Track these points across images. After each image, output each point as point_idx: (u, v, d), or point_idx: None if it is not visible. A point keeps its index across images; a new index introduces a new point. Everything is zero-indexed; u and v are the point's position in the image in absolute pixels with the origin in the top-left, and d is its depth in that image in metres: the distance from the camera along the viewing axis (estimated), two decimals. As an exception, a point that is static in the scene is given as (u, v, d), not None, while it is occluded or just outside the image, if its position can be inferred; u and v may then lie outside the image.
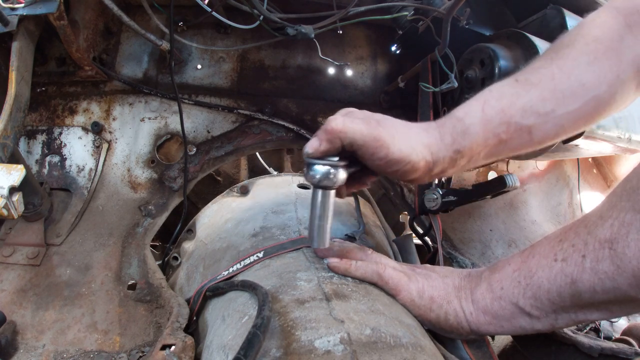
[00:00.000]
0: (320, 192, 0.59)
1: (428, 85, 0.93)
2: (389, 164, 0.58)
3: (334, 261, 0.65)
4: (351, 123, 0.57)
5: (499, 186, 0.84)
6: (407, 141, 0.59)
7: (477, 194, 0.87)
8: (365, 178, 0.67)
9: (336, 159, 0.58)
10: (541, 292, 0.54)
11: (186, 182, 1.00)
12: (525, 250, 0.59)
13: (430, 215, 0.95)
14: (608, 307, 0.51)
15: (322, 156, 0.58)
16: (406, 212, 1.29)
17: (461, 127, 0.61)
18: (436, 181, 0.95)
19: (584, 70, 0.63)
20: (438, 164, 0.61)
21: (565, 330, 0.79)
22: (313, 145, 0.58)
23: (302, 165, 1.59)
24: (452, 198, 0.91)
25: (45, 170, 0.99)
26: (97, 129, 1.01)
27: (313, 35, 0.89)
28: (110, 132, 1.03)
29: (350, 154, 0.59)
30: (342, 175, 0.58)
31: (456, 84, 0.89)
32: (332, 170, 0.57)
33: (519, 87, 0.63)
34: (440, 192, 0.92)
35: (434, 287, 0.63)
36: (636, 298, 0.48)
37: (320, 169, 0.57)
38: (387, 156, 0.57)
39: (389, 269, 0.64)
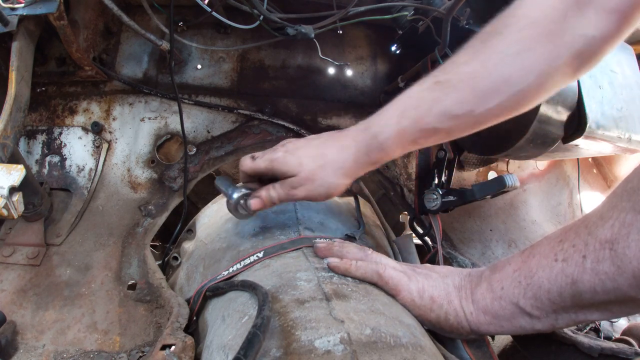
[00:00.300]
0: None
1: None
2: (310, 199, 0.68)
3: (334, 261, 0.65)
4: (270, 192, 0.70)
5: (498, 186, 0.84)
6: (320, 184, 0.67)
7: (477, 194, 0.87)
8: None
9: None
10: (541, 292, 0.54)
11: (186, 182, 1.00)
12: (526, 250, 0.59)
13: (430, 215, 0.95)
14: (608, 307, 0.51)
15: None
16: (406, 212, 1.30)
17: (376, 144, 0.65)
18: (436, 181, 0.95)
19: (510, 64, 0.61)
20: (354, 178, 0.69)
21: (565, 330, 0.79)
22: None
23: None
24: (451, 198, 0.91)
25: (45, 170, 0.99)
26: (97, 129, 1.01)
27: (313, 35, 0.89)
28: (110, 132, 1.03)
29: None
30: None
31: None
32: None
33: (438, 91, 0.63)
34: (440, 192, 0.92)
35: (435, 287, 0.63)
36: (636, 298, 0.48)
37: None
38: (308, 197, 0.68)
39: (389, 268, 0.64)
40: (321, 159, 0.66)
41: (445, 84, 0.63)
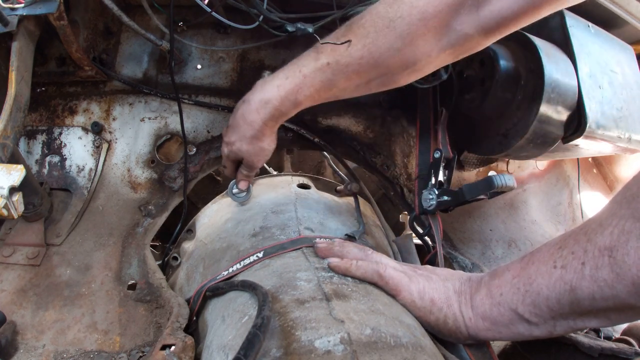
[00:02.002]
0: None
1: (419, 81, 0.93)
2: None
3: (334, 261, 0.65)
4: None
5: (486, 187, 0.82)
6: (259, 153, 0.85)
7: (467, 195, 0.86)
8: None
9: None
10: (540, 298, 0.54)
11: (186, 182, 1.00)
12: (525, 257, 0.59)
13: (430, 215, 0.95)
14: (607, 314, 0.51)
15: None
16: (406, 212, 1.30)
17: (281, 115, 0.80)
18: (433, 181, 0.95)
19: (393, 57, 0.72)
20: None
21: (565, 330, 0.79)
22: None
23: (302, 165, 1.59)
24: (446, 198, 0.91)
25: (45, 170, 0.99)
26: (97, 129, 1.01)
27: (312, 30, 0.88)
28: (110, 132, 1.03)
29: None
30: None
31: (445, 76, 0.89)
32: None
33: (329, 73, 0.75)
34: (437, 192, 0.92)
35: (435, 289, 0.63)
36: (635, 306, 0.48)
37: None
38: (262, 162, 0.90)
39: (390, 268, 0.64)
40: (245, 139, 0.83)
41: (335, 66, 0.74)
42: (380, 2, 0.73)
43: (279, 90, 0.77)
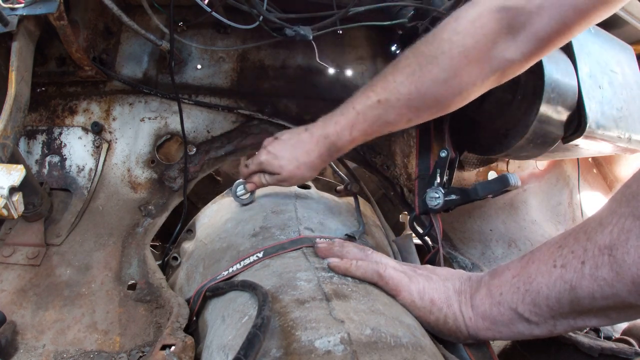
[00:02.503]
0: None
1: None
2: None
3: (334, 261, 0.65)
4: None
5: (501, 185, 0.84)
6: (298, 179, 0.89)
7: (480, 193, 0.87)
8: None
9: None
10: (540, 298, 0.54)
11: (186, 182, 1.00)
12: (525, 256, 0.59)
13: (431, 215, 0.95)
14: (607, 313, 0.51)
15: None
16: (406, 212, 1.30)
17: (335, 149, 0.85)
18: (438, 180, 0.95)
19: (441, 89, 0.76)
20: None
21: (565, 330, 0.79)
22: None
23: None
24: (454, 197, 0.91)
25: (45, 170, 0.99)
26: (97, 129, 1.01)
27: (311, 37, 0.89)
28: (110, 132, 1.03)
29: None
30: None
31: None
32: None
33: (380, 109, 0.79)
34: (443, 191, 0.92)
35: (435, 289, 0.63)
36: (635, 304, 0.48)
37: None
38: (290, 185, 0.93)
39: (390, 268, 0.64)
40: (296, 161, 0.86)
41: (385, 103, 0.78)
42: (420, 41, 0.78)
43: (336, 126, 0.83)
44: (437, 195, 0.92)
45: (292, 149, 0.86)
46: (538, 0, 0.68)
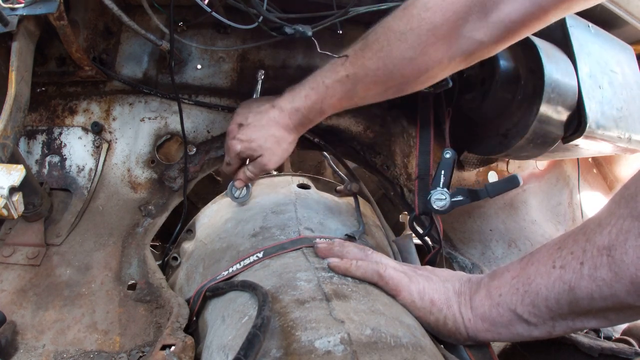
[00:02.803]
0: None
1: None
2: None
3: (334, 261, 0.65)
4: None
5: (512, 185, 0.86)
6: (280, 154, 0.88)
7: (490, 193, 0.88)
8: None
9: None
10: (539, 299, 0.54)
11: (186, 182, 1.00)
12: (524, 258, 0.59)
13: (433, 214, 0.95)
14: (606, 314, 0.51)
15: None
16: (406, 212, 1.30)
17: (307, 120, 0.86)
18: (442, 181, 0.95)
19: (408, 66, 0.76)
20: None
21: (565, 330, 0.79)
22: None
23: (302, 165, 1.59)
24: (460, 198, 0.91)
25: (45, 170, 0.99)
26: (97, 129, 1.01)
27: (310, 33, 0.88)
28: (110, 132, 1.03)
29: None
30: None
31: (451, 84, 0.89)
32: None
33: (349, 84, 0.80)
34: (449, 193, 0.92)
35: (435, 290, 0.63)
36: (634, 305, 0.48)
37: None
38: (276, 166, 0.91)
39: (390, 269, 0.64)
40: (273, 137, 0.86)
41: (354, 78, 0.80)
42: (390, 16, 0.77)
43: (306, 100, 0.84)
44: (444, 197, 0.92)
45: (265, 128, 0.86)
46: None
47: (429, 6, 0.71)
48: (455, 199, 0.91)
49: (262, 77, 1.02)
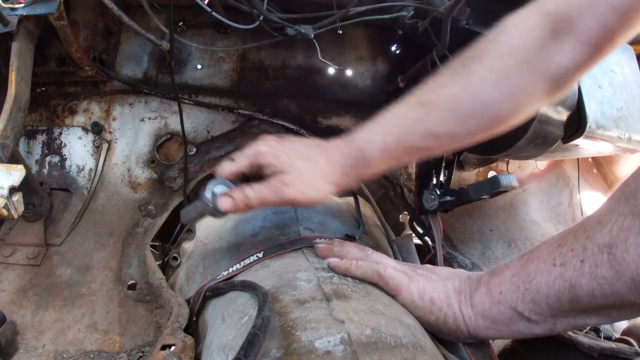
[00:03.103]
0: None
1: None
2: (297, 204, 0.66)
3: (334, 261, 0.65)
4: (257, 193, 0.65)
5: (492, 186, 0.83)
6: (312, 187, 0.65)
7: (472, 195, 0.87)
8: None
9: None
10: (540, 296, 0.54)
11: (186, 182, 1.00)
12: (525, 255, 0.59)
13: (430, 215, 0.95)
14: (607, 312, 0.51)
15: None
16: (406, 212, 1.30)
17: (362, 159, 0.66)
18: (434, 181, 0.95)
19: (490, 91, 0.64)
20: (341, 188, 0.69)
21: (565, 330, 0.79)
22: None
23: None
24: (449, 198, 0.91)
25: (45, 170, 0.99)
26: (97, 129, 1.01)
27: (312, 36, 0.88)
28: (110, 132, 1.03)
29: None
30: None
31: None
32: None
33: (420, 112, 0.65)
34: (438, 192, 0.92)
35: (435, 289, 0.63)
36: (635, 303, 0.48)
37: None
38: (295, 198, 0.64)
39: (390, 268, 0.64)
40: (313, 164, 0.66)
41: (428, 104, 0.65)
42: (458, 55, 0.68)
43: (365, 131, 0.68)
44: (433, 197, 0.92)
45: (306, 150, 0.67)
46: (578, 4, 0.63)
47: (504, 32, 0.67)
48: (443, 199, 0.91)
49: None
